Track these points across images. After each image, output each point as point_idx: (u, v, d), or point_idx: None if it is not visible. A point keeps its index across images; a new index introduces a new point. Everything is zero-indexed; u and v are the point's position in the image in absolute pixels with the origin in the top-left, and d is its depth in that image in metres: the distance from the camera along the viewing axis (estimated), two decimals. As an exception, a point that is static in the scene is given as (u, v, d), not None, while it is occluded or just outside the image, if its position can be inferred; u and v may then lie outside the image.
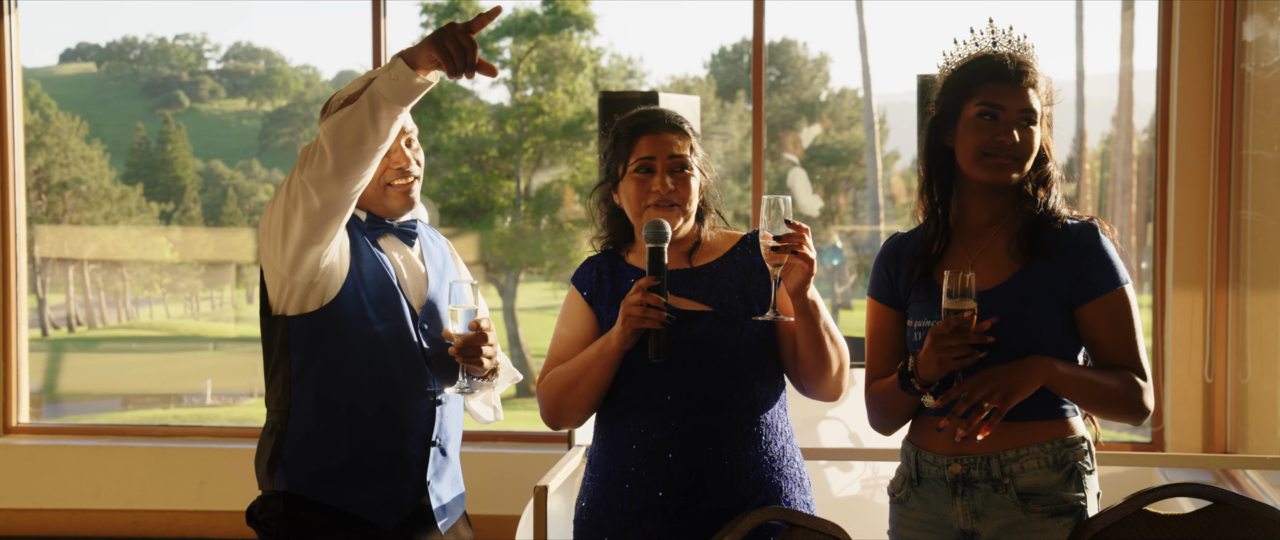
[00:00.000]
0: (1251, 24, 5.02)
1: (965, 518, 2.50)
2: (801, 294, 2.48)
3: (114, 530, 5.85)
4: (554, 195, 16.86)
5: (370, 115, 2.50)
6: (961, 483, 2.50)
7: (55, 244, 17.73)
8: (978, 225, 2.57)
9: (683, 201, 2.61)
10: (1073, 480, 2.46)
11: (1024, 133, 2.49)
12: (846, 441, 4.32)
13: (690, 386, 2.55)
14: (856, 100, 19.36)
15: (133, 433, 6.12)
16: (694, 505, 2.55)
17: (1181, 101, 5.21)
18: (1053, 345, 2.46)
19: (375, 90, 2.49)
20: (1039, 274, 2.48)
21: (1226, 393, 5.17)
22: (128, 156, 19.67)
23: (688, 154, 2.62)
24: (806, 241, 2.44)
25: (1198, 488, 2.44)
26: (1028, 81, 2.50)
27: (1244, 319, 5.08)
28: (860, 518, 4.23)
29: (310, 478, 2.82)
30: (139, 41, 21.26)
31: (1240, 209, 5.09)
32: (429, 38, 2.45)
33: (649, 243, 2.52)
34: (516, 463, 5.55)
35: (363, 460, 2.80)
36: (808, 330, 2.52)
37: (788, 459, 2.63)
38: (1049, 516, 2.45)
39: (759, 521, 2.45)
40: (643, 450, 2.58)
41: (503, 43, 17.28)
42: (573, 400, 2.61)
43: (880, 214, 17.98)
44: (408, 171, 2.85)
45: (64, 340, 17.94)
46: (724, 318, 2.58)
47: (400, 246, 2.93)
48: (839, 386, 2.61)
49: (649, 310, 2.48)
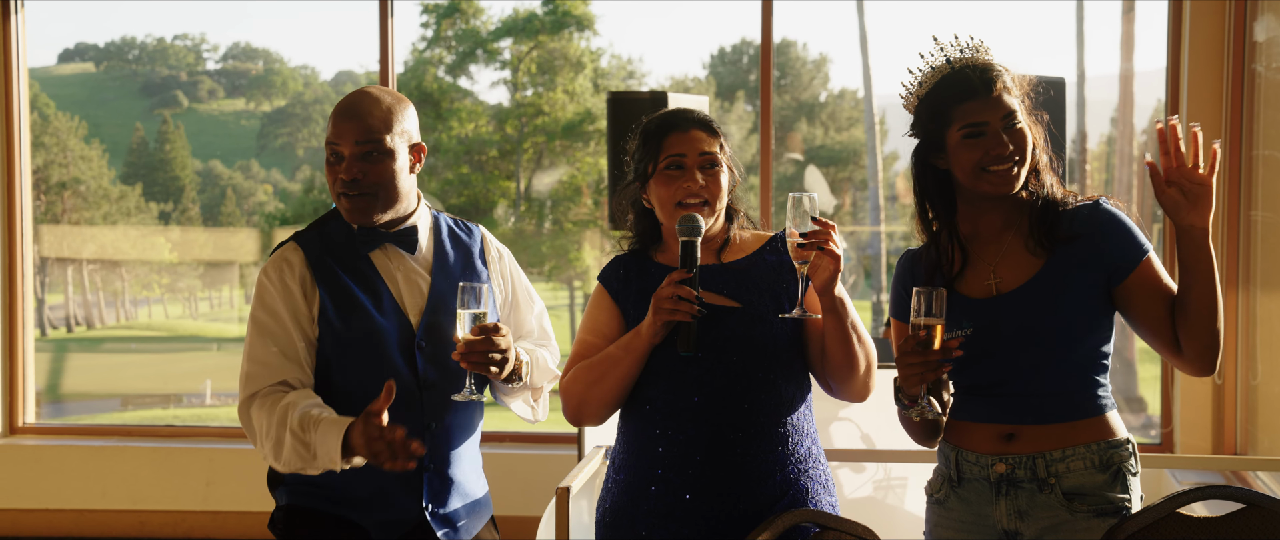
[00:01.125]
0: (1262, 24, 5.02)
1: (1009, 517, 2.50)
2: (829, 291, 2.46)
3: (120, 530, 5.83)
4: (555, 195, 16.86)
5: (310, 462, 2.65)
6: (1006, 482, 2.50)
7: (54, 244, 17.72)
8: (992, 233, 2.57)
9: (713, 198, 2.60)
10: (1119, 481, 2.47)
11: (1013, 135, 2.49)
12: (859, 442, 4.32)
13: (718, 386, 2.54)
14: (856, 101, 19.37)
15: (138, 433, 6.10)
16: (721, 507, 2.53)
17: (1192, 102, 5.20)
18: (1090, 327, 2.48)
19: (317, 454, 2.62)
20: (1064, 261, 2.49)
21: (1237, 394, 5.17)
22: (126, 156, 19.66)
23: (717, 151, 2.61)
24: (833, 238, 2.43)
25: (1233, 490, 2.43)
26: (998, 87, 2.49)
27: (1254, 320, 5.07)
28: (873, 519, 4.22)
29: (307, 498, 2.86)
30: (138, 41, 21.24)
31: (1251, 210, 5.09)
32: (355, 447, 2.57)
33: (682, 236, 2.51)
34: (524, 464, 5.53)
35: (353, 492, 2.80)
36: (835, 328, 2.51)
37: (813, 460, 2.62)
38: (1094, 516, 2.45)
39: (792, 523, 2.44)
40: (669, 452, 2.56)
41: (503, 43, 17.30)
42: (598, 395, 2.59)
43: (880, 214, 17.99)
44: (343, 193, 2.74)
45: (63, 340, 17.92)
46: (753, 315, 2.57)
47: (398, 256, 2.83)
48: (866, 387, 2.60)
49: (681, 302, 2.46)
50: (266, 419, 2.68)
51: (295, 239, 2.83)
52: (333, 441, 2.57)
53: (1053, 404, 2.48)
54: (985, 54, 2.56)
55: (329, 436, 2.58)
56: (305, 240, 2.82)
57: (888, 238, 18.22)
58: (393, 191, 2.75)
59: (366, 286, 2.77)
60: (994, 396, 2.50)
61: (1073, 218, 2.52)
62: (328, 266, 2.77)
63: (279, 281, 2.76)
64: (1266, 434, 4.99)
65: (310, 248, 2.80)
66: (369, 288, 2.77)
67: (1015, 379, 2.47)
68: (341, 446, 2.56)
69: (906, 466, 4.24)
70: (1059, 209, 2.54)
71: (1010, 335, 2.46)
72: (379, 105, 2.73)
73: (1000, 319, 2.47)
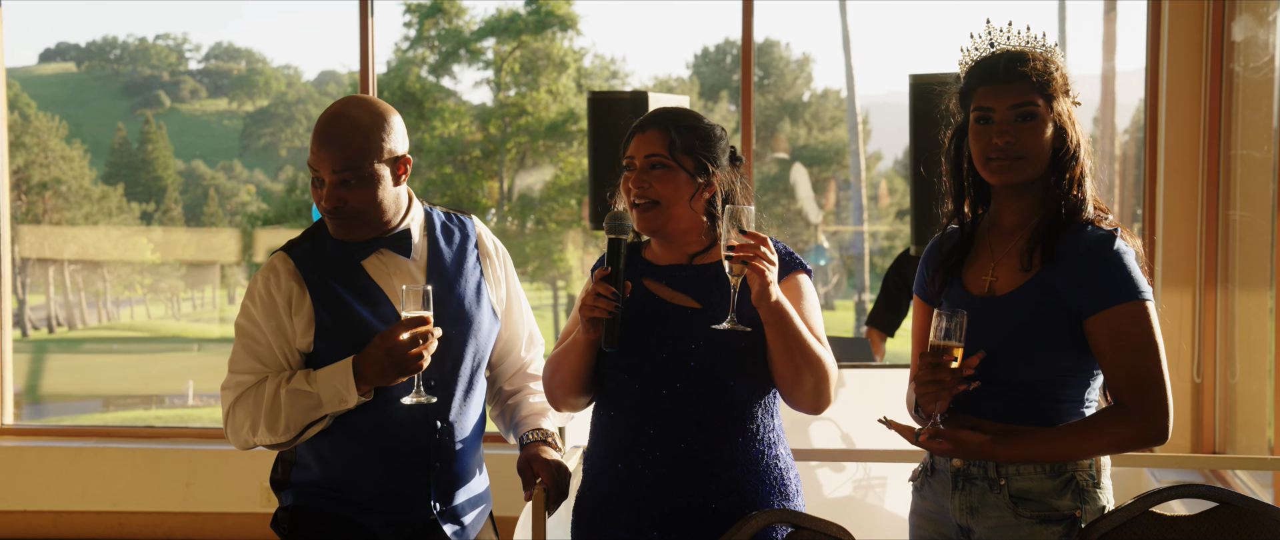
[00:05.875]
0: (1240, 24, 5.04)
1: (962, 513, 2.48)
2: (764, 304, 2.46)
3: (100, 532, 5.81)
4: (539, 195, 16.87)
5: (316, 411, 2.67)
6: (962, 478, 2.48)
7: (35, 244, 17.65)
8: (1007, 228, 2.50)
9: (662, 198, 2.59)
10: (1069, 490, 2.40)
11: (1018, 129, 2.41)
12: (839, 442, 4.32)
13: (674, 384, 2.56)
14: (840, 101, 19.40)
15: (118, 434, 6.08)
16: (674, 501, 2.56)
17: (1170, 101, 5.22)
18: (1055, 357, 2.41)
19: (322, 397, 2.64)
20: (1044, 283, 2.41)
21: (1215, 393, 5.19)
22: (108, 156, 19.60)
23: (667, 152, 2.60)
24: (763, 252, 2.43)
25: (1206, 489, 2.42)
26: (1021, 76, 2.41)
27: (1233, 319, 5.09)
28: (853, 518, 4.23)
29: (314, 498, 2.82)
30: (119, 41, 21.19)
31: (1229, 209, 5.11)
32: (378, 365, 2.59)
33: (608, 233, 2.56)
34: (505, 464, 5.52)
35: (361, 492, 2.78)
36: (775, 340, 2.51)
37: (767, 462, 2.61)
38: (1038, 523, 2.40)
39: (764, 524, 2.44)
40: (628, 445, 2.60)
41: (486, 43, 17.29)
42: (557, 382, 2.65)
43: (863, 214, 18.03)
44: (327, 213, 2.72)
45: (44, 341, 17.86)
46: (711, 317, 2.58)
47: (393, 260, 2.79)
48: (818, 397, 2.56)
49: (599, 299, 2.50)
50: (252, 404, 2.69)
51: (285, 249, 2.82)
52: (340, 376, 2.61)
53: (1015, 408, 2.44)
54: (1034, 48, 2.47)
55: (334, 374, 2.62)
56: (295, 251, 2.79)
57: (871, 237, 18.26)
58: (376, 213, 2.72)
59: (362, 295, 2.75)
60: (965, 390, 2.47)
61: (1074, 240, 2.40)
62: (319, 277, 2.75)
63: (264, 291, 2.74)
64: (1245, 432, 5.01)
65: (301, 259, 2.77)
66: (365, 296, 2.75)
67: (989, 379, 2.45)
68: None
69: (886, 466, 4.24)
70: (1074, 228, 2.42)
71: (986, 337, 2.44)
72: (357, 128, 2.66)
73: (983, 319, 2.45)
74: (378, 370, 2.59)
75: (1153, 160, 5.35)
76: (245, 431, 2.70)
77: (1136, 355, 2.35)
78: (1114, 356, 2.36)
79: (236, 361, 2.74)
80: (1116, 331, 2.35)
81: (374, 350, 2.59)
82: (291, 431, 2.65)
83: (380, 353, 2.58)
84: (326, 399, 2.63)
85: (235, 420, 2.71)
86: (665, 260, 2.66)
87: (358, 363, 2.61)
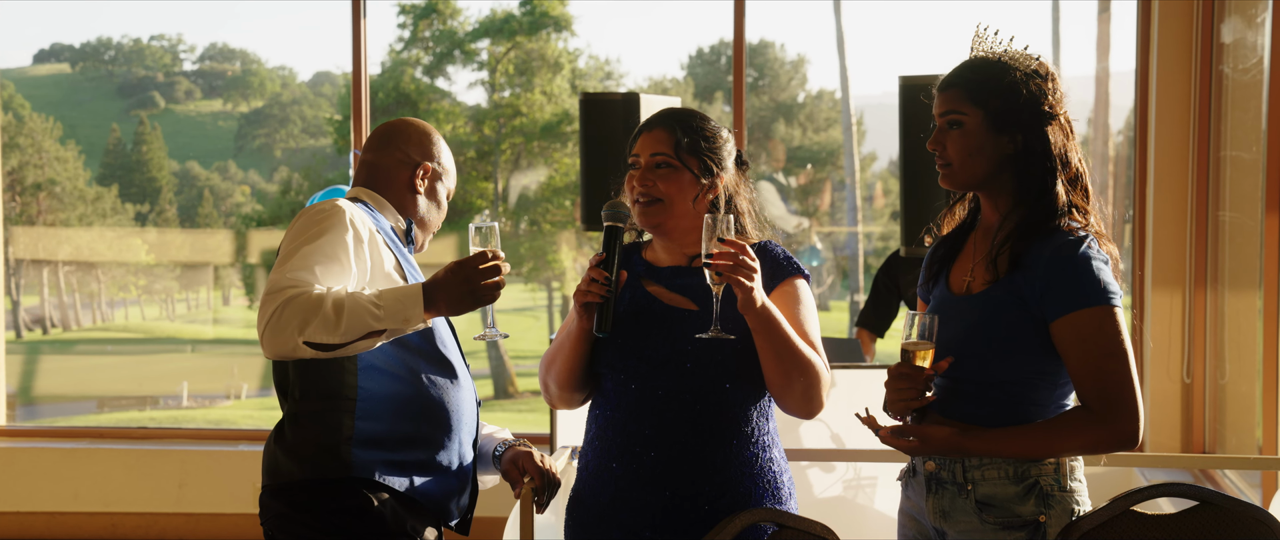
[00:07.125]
0: (1229, 26, 5.06)
1: (936, 516, 2.49)
2: (749, 311, 2.48)
3: (92, 533, 5.82)
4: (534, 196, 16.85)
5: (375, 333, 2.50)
6: (934, 481, 2.49)
7: (29, 245, 17.61)
8: (988, 228, 2.52)
9: (666, 197, 2.61)
10: (1032, 496, 2.40)
11: (944, 137, 2.44)
12: (829, 442, 4.33)
13: (668, 383, 2.58)
14: (834, 101, 19.40)
15: (111, 435, 6.09)
16: (666, 500, 2.58)
17: (1160, 103, 5.24)
18: (1024, 359, 2.41)
19: (389, 311, 2.49)
20: (1009, 285, 2.41)
21: (1205, 393, 5.20)
22: (103, 157, 19.57)
23: (672, 152, 2.62)
24: (741, 260, 2.44)
25: (1185, 488, 2.44)
26: (954, 84, 2.44)
27: (1222, 320, 5.11)
28: (843, 518, 4.24)
29: (384, 465, 2.68)
30: (114, 42, 21.15)
31: (1218, 210, 5.12)
32: (453, 293, 2.50)
33: (605, 220, 2.60)
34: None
35: (433, 457, 2.74)
36: (762, 347, 2.53)
37: (760, 464, 2.63)
38: (1001, 529, 2.40)
39: (748, 523, 2.46)
40: (622, 443, 2.63)
41: (480, 44, 17.28)
42: (553, 378, 2.69)
43: (857, 215, 18.03)
44: None
45: (38, 342, 17.83)
46: (709, 319, 2.59)
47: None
48: (808, 405, 2.57)
49: (592, 284, 2.53)
50: (309, 305, 2.46)
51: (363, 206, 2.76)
52: (409, 296, 2.49)
53: (985, 409, 2.44)
54: (989, 54, 2.48)
55: (402, 293, 2.49)
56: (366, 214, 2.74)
57: (865, 238, 18.27)
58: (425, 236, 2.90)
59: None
60: (942, 391, 2.49)
61: (1043, 245, 2.39)
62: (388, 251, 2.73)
63: (369, 236, 2.65)
64: (1234, 432, 5.03)
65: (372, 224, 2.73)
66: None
67: (957, 378, 2.46)
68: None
69: (876, 466, 4.26)
70: (1041, 231, 2.41)
71: (957, 337, 2.44)
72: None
73: (957, 318, 2.46)
74: (453, 297, 2.50)
75: (1143, 162, 5.37)
76: (291, 330, 2.45)
77: (1102, 359, 2.34)
78: (1079, 361, 2.36)
79: (300, 268, 2.54)
80: (1080, 336, 2.35)
81: (451, 277, 2.50)
82: (349, 335, 2.46)
83: (458, 279, 2.50)
84: (390, 312, 2.48)
85: (282, 319, 2.46)
86: (665, 262, 2.71)
87: (429, 289, 2.49)
